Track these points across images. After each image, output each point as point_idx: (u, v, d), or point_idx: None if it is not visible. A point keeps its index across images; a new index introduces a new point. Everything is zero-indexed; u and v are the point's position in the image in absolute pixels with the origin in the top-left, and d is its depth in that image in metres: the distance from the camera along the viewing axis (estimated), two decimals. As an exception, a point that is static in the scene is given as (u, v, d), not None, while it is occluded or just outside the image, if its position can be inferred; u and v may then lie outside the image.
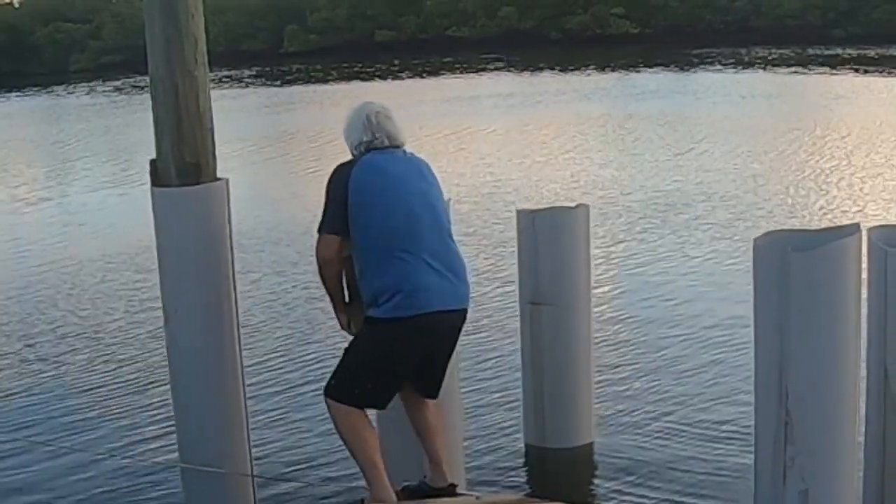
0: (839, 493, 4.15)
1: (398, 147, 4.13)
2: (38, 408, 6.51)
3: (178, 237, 4.36)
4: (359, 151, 4.10)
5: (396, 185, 3.97)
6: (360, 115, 4.13)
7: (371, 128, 4.08)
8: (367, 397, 4.02)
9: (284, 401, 6.42)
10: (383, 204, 3.92)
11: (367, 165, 4.00)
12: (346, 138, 4.17)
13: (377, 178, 3.96)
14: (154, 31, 4.26)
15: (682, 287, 8.65)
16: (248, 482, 4.59)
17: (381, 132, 4.08)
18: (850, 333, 4.08)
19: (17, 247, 11.85)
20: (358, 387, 3.99)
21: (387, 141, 4.09)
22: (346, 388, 4.00)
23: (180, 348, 4.47)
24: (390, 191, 3.94)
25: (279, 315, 8.38)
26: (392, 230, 3.91)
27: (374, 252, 3.92)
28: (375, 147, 4.07)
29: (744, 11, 54.57)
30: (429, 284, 3.91)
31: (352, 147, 4.14)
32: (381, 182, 3.95)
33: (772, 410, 4.10)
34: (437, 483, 4.22)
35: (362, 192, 3.94)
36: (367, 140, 4.07)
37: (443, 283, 3.96)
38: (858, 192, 12.65)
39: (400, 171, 4.02)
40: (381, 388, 4.02)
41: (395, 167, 4.03)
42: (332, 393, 4.03)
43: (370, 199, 3.93)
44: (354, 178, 3.96)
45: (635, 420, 5.87)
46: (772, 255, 4.09)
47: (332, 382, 4.06)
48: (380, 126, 4.09)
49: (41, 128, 28.70)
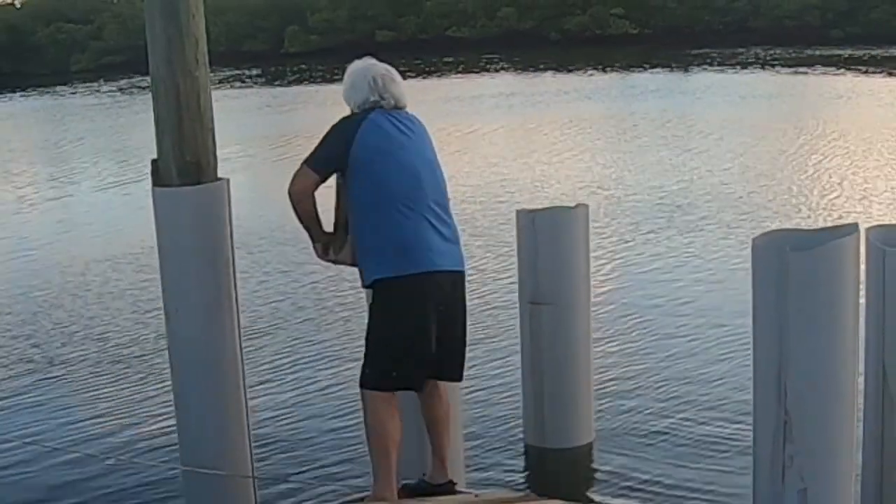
0: (838, 491, 4.14)
1: (402, 108, 4.14)
2: (42, 409, 6.49)
3: (178, 237, 4.36)
4: (362, 110, 4.09)
5: (401, 147, 3.99)
6: (365, 76, 4.11)
7: (377, 89, 4.08)
8: (402, 376, 3.99)
9: (292, 399, 6.42)
10: (388, 162, 3.94)
11: (375, 124, 4.00)
12: (347, 98, 4.15)
13: (384, 137, 3.98)
14: (155, 31, 4.26)
15: (688, 287, 8.63)
16: (249, 483, 4.59)
17: (387, 94, 4.09)
18: (849, 333, 4.08)
19: (26, 246, 11.80)
20: (391, 367, 3.97)
21: (393, 102, 4.10)
22: (380, 372, 3.99)
23: (181, 348, 4.46)
24: (396, 150, 3.97)
25: (287, 315, 8.38)
26: (395, 187, 3.93)
27: (377, 208, 3.94)
28: (381, 107, 4.08)
29: (742, 12, 54.61)
30: (430, 242, 3.95)
31: (354, 107, 4.13)
32: (387, 141, 3.98)
33: (771, 409, 4.10)
34: (436, 479, 4.22)
35: (367, 148, 3.95)
36: (373, 100, 4.08)
37: (443, 243, 3.99)
38: (862, 191, 12.62)
39: (405, 133, 4.05)
40: (410, 358, 3.97)
41: (400, 129, 4.04)
42: (368, 382, 4.02)
43: (376, 157, 3.95)
44: (362, 135, 3.96)
45: (635, 420, 5.87)
46: (770, 254, 4.09)
47: (365, 371, 4.04)
48: (385, 88, 4.09)
49: (46, 128, 28.73)
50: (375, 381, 3.99)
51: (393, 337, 3.98)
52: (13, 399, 6.71)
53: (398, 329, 3.97)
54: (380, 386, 3.98)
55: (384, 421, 3.98)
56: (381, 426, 3.99)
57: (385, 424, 3.98)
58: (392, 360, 3.98)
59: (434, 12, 60.18)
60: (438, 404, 4.19)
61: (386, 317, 4.00)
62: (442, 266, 3.98)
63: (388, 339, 3.99)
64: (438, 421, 4.20)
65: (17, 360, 7.53)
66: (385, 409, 3.98)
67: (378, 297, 4.02)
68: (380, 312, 4.02)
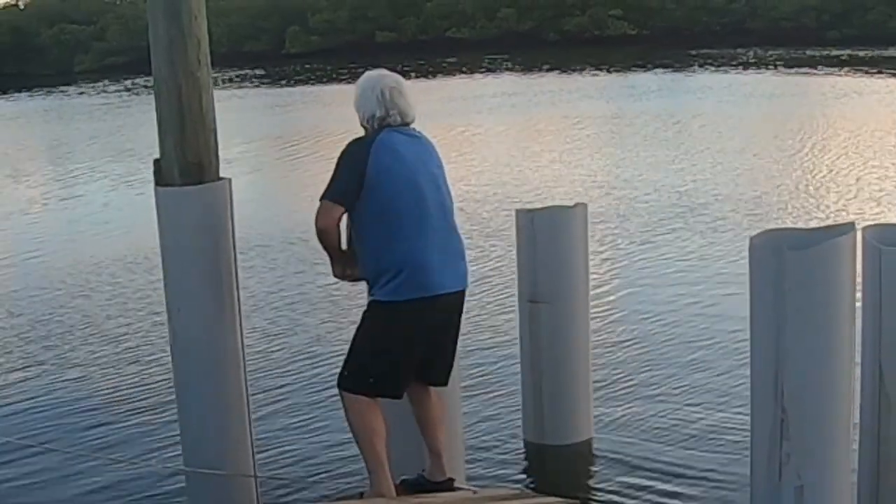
0: (834, 489, 4.15)
1: (409, 124, 4.14)
2: (49, 412, 6.46)
3: (181, 236, 4.36)
4: (370, 125, 4.10)
5: (409, 167, 3.99)
6: (374, 88, 4.10)
7: (385, 104, 4.07)
8: (380, 385, 4.01)
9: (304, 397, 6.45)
10: (394, 184, 3.95)
11: (384, 146, 3.99)
12: (356, 108, 4.16)
13: (392, 159, 3.97)
14: (157, 32, 4.26)
15: (698, 286, 8.62)
16: (251, 483, 4.59)
17: (394, 109, 4.08)
18: (845, 331, 4.08)
19: (35, 247, 11.75)
20: (370, 375, 3.98)
21: (399, 118, 4.09)
22: (358, 377, 4.01)
23: (183, 346, 4.46)
24: (403, 173, 3.97)
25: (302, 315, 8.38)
26: (400, 210, 3.94)
27: (381, 230, 3.95)
28: (388, 124, 4.08)
29: (740, 13, 54.59)
30: (432, 264, 3.95)
31: (362, 118, 4.14)
32: (395, 163, 3.97)
33: (768, 407, 4.10)
34: (435, 477, 4.22)
35: (378, 171, 3.94)
36: (380, 115, 4.07)
37: (446, 262, 4.00)
38: (876, 190, 12.60)
39: (412, 153, 4.04)
40: (392, 373, 4.01)
41: (408, 148, 4.04)
42: (346, 384, 4.04)
43: (383, 179, 3.94)
44: (374, 160, 3.94)
45: (634, 417, 5.87)
46: (767, 253, 4.09)
47: (344, 373, 4.07)
48: (393, 102, 4.08)
49: (55, 127, 28.72)
50: (353, 385, 4.02)
51: (377, 352, 4.00)
52: (22, 402, 6.70)
53: (385, 346, 3.99)
54: (356, 390, 4.01)
55: (364, 415, 3.99)
56: (362, 421, 4.00)
57: (365, 419, 3.99)
58: (371, 370, 4.00)
59: (434, 13, 60.16)
60: (429, 406, 4.21)
61: (375, 332, 4.02)
62: (443, 289, 3.99)
63: (373, 352, 4.01)
64: (431, 421, 4.22)
65: (30, 363, 7.49)
66: (364, 405, 4.00)
67: (372, 313, 4.04)
68: (370, 326, 4.05)
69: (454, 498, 4.11)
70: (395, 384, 4.06)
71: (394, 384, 4.05)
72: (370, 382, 4.00)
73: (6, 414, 6.47)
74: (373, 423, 4.00)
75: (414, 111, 4.17)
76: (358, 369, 4.03)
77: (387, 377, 4.01)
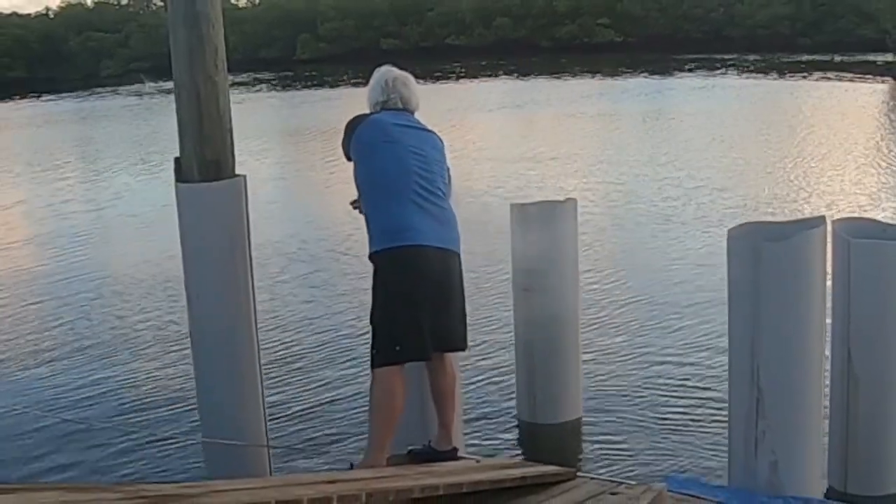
0: (806, 463, 4.15)
1: (410, 111, 4.26)
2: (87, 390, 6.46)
3: (200, 228, 4.37)
4: (375, 110, 4.25)
5: (396, 139, 4.07)
6: (380, 78, 4.29)
7: (387, 90, 4.25)
8: (406, 349, 3.96)
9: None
10: (382, 154, 4.05)
11: (373, 122, 4.14)
12: (367, 98, 4.32)
13: (380, 132, 4.09)
14: (178, 39, 4.26)
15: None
16: (265, 452, 4.59)
17: (395, 94, 4.24)
18: (817, 317, 4.08)
19: (89, 245, 11.60)
20: (395, 341, 3.94)
21: (400, 103, 4.24)
22: (385, 347, 3.96)
23: (201, 328, 4.47)
24: (389, 144, 4.06)
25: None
26: (385, 176, 4.03)
27: (371, 194, 4.07)
28: (388, 108, 4.22)
29: (719, 22, 54.69)
30: (415, 223, 3.96)
31: (370, 106, 4.29)
32: (382, 135, 4.08)
33: (744, 388, 4.11)
34: (441, 446, 4.22)
35: (362, 143, 4.09)
36: (382, 100, 4.25)
37: (430, 225, 4.00)
38: (883, 185, 12.59)
39: (401, 128, 4.13)
40: (412, 330, 3.94)
41: (400, 127, 4.12)
42: (377, 361, 3.98)
43: (371, 150, 4.07)
44: (358, 133, 4.11)
45: (622, 396, 5.87)
46: (745, 244, 4.09)
47: (373, 353, 4.01)
48: (395, 89, 4.25)
49: (96, 126, 28.84)
50: (383, 358, 3.97)
51: (390, 308, 3.97)
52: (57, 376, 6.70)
53: (394, 299, 3.96)
54: (387, 361, 3.95)
55: (391, 393, 3.94)
56: (387, 399, 3.94)
57: (391, 397, 3.94)
58: (394, 333, 3.95)
59: (435, 22, 60.21)
60: (444, 377, 4.18)
61: (382, 288, 4.01)
62: (427, 242, 3.98)
63: (387, 311, 3.98)
64: (444, 393, 4.20)
65: (74, 349, 7.44)
66: (392, 383, 3.94)
67: (375, 273, 4.05)
68: (378, 289, 4.04)
69: (459, 466, 4.11)
70: (420, 344, 3.97)
71: (418, 344, 3.97)
72: (396, 351, 3.95)
73: (32, 388, 6.49)
74: (396, 401, 3.94)
75: (417, 100, 4.30)
76: (382, 340, 3.98)
77: (409, 338, 3.94)
